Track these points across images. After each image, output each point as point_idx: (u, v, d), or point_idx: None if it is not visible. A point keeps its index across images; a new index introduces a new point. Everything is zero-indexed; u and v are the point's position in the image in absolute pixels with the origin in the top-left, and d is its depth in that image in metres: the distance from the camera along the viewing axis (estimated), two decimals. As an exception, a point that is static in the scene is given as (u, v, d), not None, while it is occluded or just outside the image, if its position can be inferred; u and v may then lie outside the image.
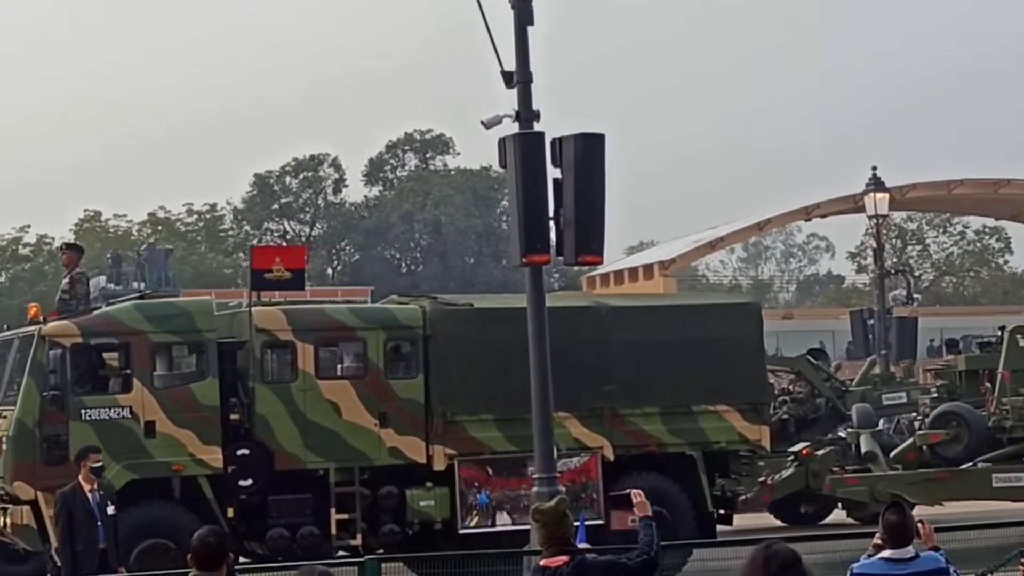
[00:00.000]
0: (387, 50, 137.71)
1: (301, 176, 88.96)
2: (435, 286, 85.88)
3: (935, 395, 28.04)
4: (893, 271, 46.14)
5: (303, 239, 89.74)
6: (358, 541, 19.52)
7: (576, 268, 65.42)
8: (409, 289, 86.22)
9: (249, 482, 19.29)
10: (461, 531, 20.10)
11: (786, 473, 26.26)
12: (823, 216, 71.68)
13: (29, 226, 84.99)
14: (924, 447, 25.01)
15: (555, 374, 20.39)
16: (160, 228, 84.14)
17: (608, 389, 20.95)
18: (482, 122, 17.97)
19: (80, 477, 15.70)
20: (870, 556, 8.39)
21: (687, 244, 71.11)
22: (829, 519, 28.11)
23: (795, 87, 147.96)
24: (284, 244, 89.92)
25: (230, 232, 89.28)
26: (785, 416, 30.53)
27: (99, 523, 15.53)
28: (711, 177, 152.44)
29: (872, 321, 39.18)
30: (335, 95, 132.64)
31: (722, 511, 21.74)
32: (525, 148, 17.03)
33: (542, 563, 8.26)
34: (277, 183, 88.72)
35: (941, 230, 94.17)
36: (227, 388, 19.79)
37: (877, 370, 34.26)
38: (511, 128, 17.61)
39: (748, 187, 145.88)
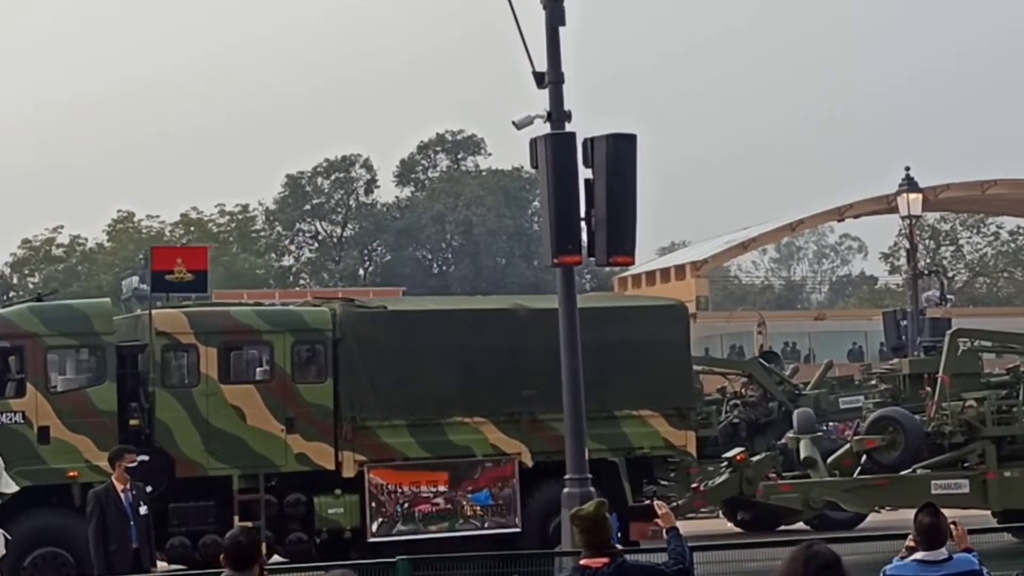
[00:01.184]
0: (418, 51, 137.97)
1: (333, 177, 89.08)
2: (467, 287, 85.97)
3: (879, 399, 27.36)
4: (926, 272, 45.99)
5: (335, 240, 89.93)
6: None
7: (607, 269, 65.42)
8: (441, 290, 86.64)
9: (149, 489, 18.32)
10: (371, 539, 19.54)
11: (720, 479, 25.70)
12: (856, 217, 71.40)
13: (62, 227, 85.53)
14: (861, 453, 24.37)
15: (471, 378, 20.47)
16: (192, 229, 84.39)
17: (527, 394, 20.39)
18: (514, 123, 17.97)
19: (114, 477, 15.75)
20: (903, 558, 8.36)
21: (719, 245, 70.92)
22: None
23: (827, 86, 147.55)
24: (316, 245, 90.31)
25: (262, 233, 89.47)
26: (736, 420, 30.02)
27: (132, 523, 15.58)
28: (743, 177, 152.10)
29: (905, 322, 39.01)
30: (367, 96, 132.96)
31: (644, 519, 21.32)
32: (557, 149, 17.01)
33: (582, 562, 8.24)
34: (309, 184, 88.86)
35: (975, 231, 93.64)
36: (127, 393, 19.34)
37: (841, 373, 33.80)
38: (543, 129, 17.60)
39: (780, 187, 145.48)
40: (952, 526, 8.73)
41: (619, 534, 14.57)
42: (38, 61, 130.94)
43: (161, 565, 18.31)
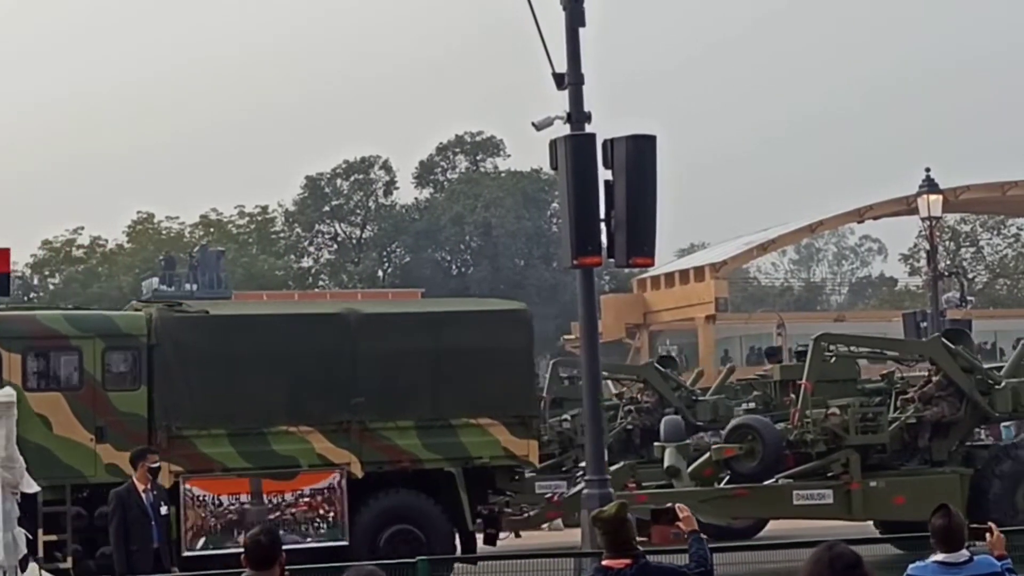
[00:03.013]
0: (438, 52, 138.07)
1: (352, 178, 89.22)
2: (485, 288, 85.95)
3: (751, 406, 26.52)
4: (946, 273, 45.84)
5: (354, 241, 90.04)
6: (69, 564, 18.21)
7: (626, 270, 65.40)
8: (460, 292, 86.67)
9: None
10: (186, 553, 18.61)
11: (575, 489, 24.46)
12: (876, 218, 71.35)
13: (83, 228, 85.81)
14: (720, 462, 23.43)
15: (297, 386, 19.59)
16: (212, 230, 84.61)
17: (356, 402, 19.59)
18: (533, 124, 17.97)
19: (135, 477, 15.81)
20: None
21: (738, 246, 70.90)
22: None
23: (846, 86, 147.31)
24: (335, 246, 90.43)
25: (281, 234, 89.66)
26: (630, 426, 29.37)
27: (153, 523, 15.64)
28: (762, 179, 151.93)
29: (925, 324, 38.93)
30: (386, 97, 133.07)
31: (489, 530, 20.63)
32: (576, 150, 17.01)
33: (604, 563, 8.21)
34: (328, 185, 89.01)
35: (995, 232, 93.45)
36: None
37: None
38: (562, 130, 17.61)
39: (800, 189, 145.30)
40: (988, 532, 8.70)
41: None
42: (57, 61, 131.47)
43: None
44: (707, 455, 23.29)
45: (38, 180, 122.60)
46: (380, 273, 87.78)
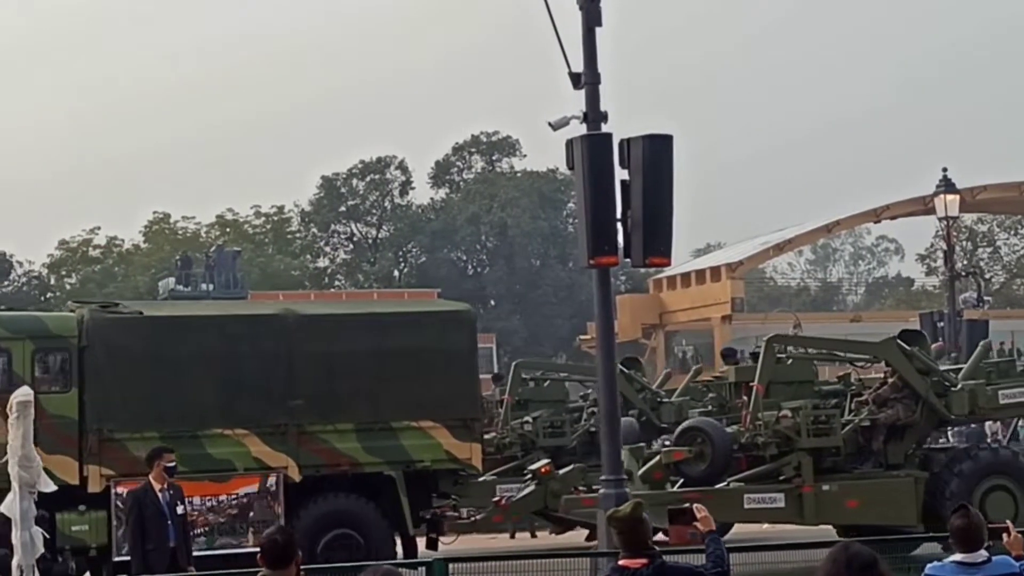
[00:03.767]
0: (453, 51, 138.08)
1: (368, 178, 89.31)
2: (501, 288, 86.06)
3: (706, 408, 26.09)
4: (963, 273, 45.78)
5: (370, 241, 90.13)
6: None
7: (642, 270, 65.35)
8: (476, 291, 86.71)
9: None
10: (117, 558, 18.30)
11: (523, 492, 24.46)
12: (892, 218, 71.21)
13: (99, 228, 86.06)
14: (670, 465, 22.83)
15: (233, 388, 19.23)
16: (228, 230, 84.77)
17: (294, 404, 19.32)
18: (549, 123, 17.97)
19: (151, 476, 15.83)
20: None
21: (755, 246, 70.81)
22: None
23: (862, 86, 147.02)
24: (351, 246, 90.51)
25: (297, 234, 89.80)
26: (593, 429, 28.41)
27: (169, 522, 15.66)
28: (778, 179, 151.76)
29: (942, 324, 38.84)
30: (402, 97, 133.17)
31: (431, 534, 20.40)
32: (593, 149, 17.00)
33: (621, 563, 8.21)
34: (344, 185, 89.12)
35: (1012, 232, 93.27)
36: None
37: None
38: (579, 129, 17.61)
39: (816, 188, 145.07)
40: (1005, 532, 8.68)
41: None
42: (74, 62, 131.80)
43: None
44: (657, 458, 22.79)
45: (55, 180, 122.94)
46: (396, 273, 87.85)
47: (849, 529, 21.95)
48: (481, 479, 26.35)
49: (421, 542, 20.39)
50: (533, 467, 25.03)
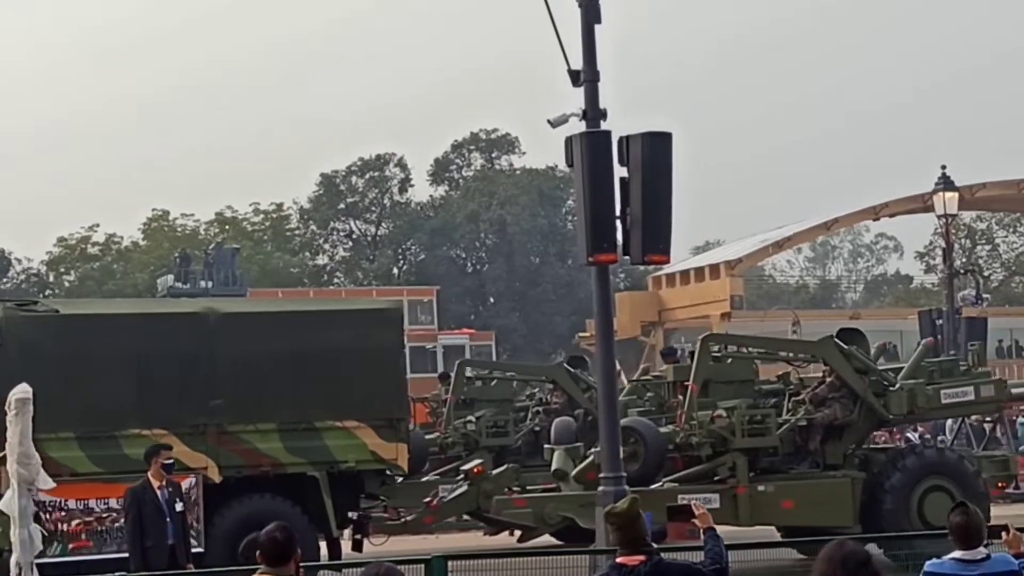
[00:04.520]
0: (452, 49, 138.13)
1: (367, 176, 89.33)
2: (500, 286, 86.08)
3: (646, 408, 25.64)
4: (962, 271, 45.80)
5: (369, 239, 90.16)
6: None
7: (641, 268, 65.34)
8: (475, 289, 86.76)
9: None
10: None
11: (455, 493, 24.18)
12: (891, 216, 71.22)
13: (98, 225, 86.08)
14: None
15: (151, 387, 18.74)
16: (227, 227, 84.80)
17: (214, 404, 18.89)
18: (549, 121, 17.96)
19: (150, 473, 15.85)
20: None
21: (754, 244, 70.81)
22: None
23: (861, 83, 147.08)
24: (350, 243, 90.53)
25: (296, 231, 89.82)
26: (538, 428, 28.66)
27: (168, 520, 15.68)
28: (778, 176, 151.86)
29: (941, 321, 38.86)
30: (400, 94, 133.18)
31: (357, 535, 20.10)
32: (592, 147, 17.02)
33: (618, 560, 8.21)
34: (343, 183, 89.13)
35: (1011, 229, 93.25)
36: None
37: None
38: (578, 127, 17.61)
39: (816, 187, 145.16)
40: (1004, 531, 8.69)
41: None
42: (76, 62, 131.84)
43: None
44: (590, 458, 22.38)
45: (54, 177, 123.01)
46: (395, 271, 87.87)
47: (790, 530, 21.80)
48: (425, 479, 26.18)
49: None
50: (465, 467, 24.76)
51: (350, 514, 19.70)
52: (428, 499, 24.17)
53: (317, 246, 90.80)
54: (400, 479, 26.36)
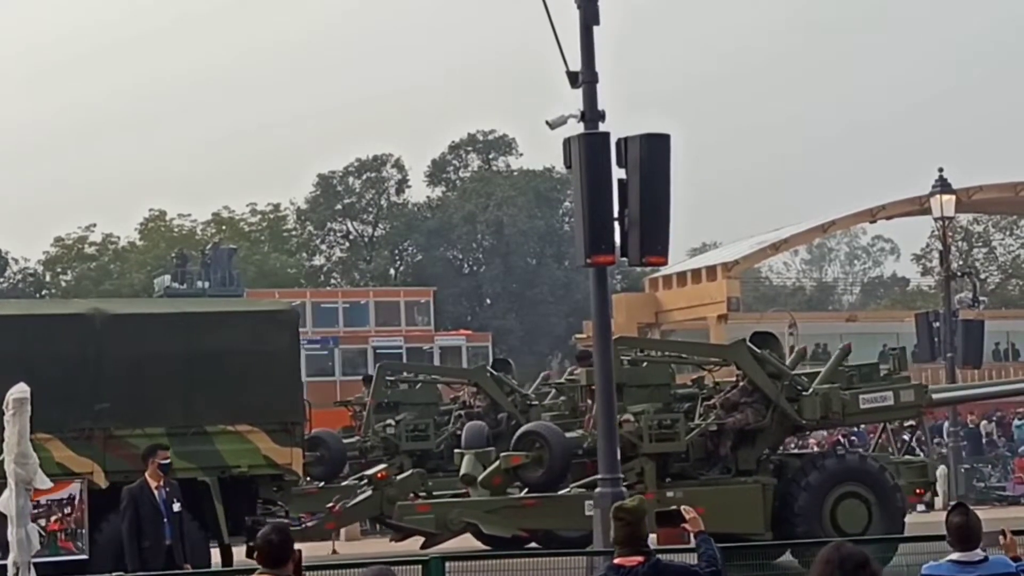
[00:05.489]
0: (450, 50, 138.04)
1: (364, 176, 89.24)
2: (497, 287, 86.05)
3: (557, 412, 25.61)
4: (959, 273, 45.74)
5: (366, 239, 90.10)
6: None
7: (638, 269, 65.35)
8: (472, 290, 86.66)
9: None
10: None
11: (358, 498, 23.87)
12: (888, 218, 71.22)
13: (95, 225, 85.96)
14: (509, 470, 22.22)
15: (35, 391, 17.37)
16: (224, 228, 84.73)
17: (100, 407, 18.52)
18: (547, 122, 17.98)
19: (147, 474, 15.86)
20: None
21: (751, 246, 70.81)
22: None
23: (859, 87, 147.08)
24: (347, 244, 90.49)
25: (293, 232, 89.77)
26: (459, 432, 28.21)
27: (165, 519, 15.68)
28: (775, 178, 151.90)
29: (938, 324, 38.87)
30: (397, 95, 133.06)
31: (250, 542, 19.26)
32: (590, 148, 17.04)
33: (616, 561, 8.22)
34: (340, 183, 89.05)
35: (1008, 232, 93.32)
36: None
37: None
38: (576, 128, 17.62)
39: (814, 188, 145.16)
40: (1000, 535, 8.69)
41: None
42: (73, 61, 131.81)
43: None
44: (496, 463, 22.21)
45: (51, 177, 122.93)
46: (392, 271, 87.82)
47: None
48: (345, 483, 25.88)
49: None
50: (369, 472, 24.44)
51: (248, 519, 19.17)
52: (331, 504, 23.87)
53: (314, 247, 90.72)
54: (322, 484, 26.27)
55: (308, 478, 27.21)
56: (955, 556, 8.14)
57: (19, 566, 14.09)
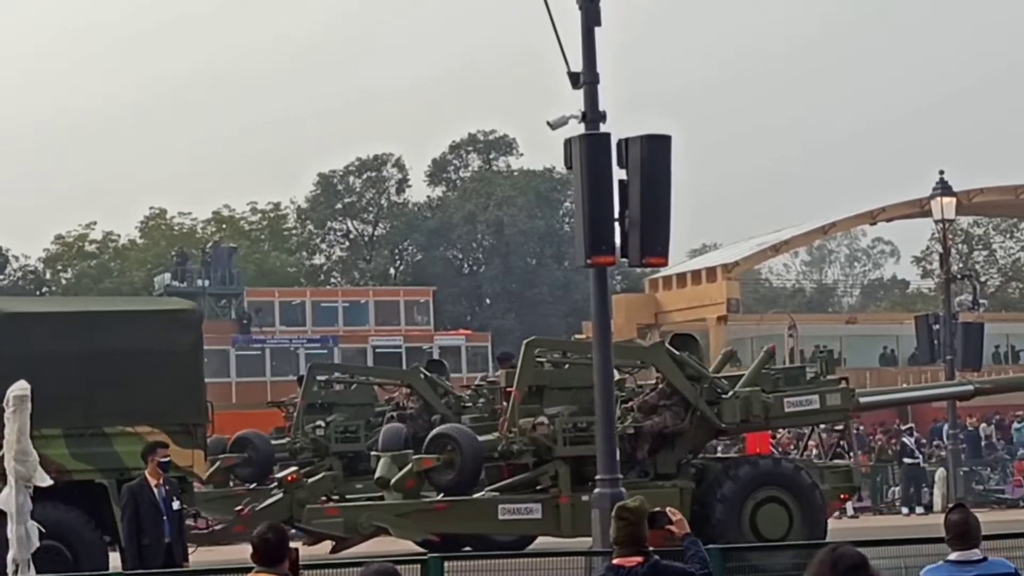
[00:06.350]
0: (451, 50, 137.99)
1: (364, 176, 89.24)
2: (497, 287, 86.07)
3: (477, 415, 25.36)
4: (959, 276, 45.74)
5: (366, 239, 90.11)
6: None
7: (638, 270, 65.35)
8: (472, 290, 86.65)
9: None
10: None
11: (267, 502, 23.72)
12: (889, 220, 71.17)
13: (95, 223, 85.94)
14: (421, 473, 22.00)
15: None
16: (224, 226, 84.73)
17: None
18: (548, 123, 17.99)
19: (147, 472, 15.88)
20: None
21: (751, 247, 70.77)
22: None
23: (860, 90, 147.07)
24: (347, 243, 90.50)
25: (293, 231, 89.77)
26: None
27: (165, 518, 15.69)
28: (775, 179, 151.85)
29: (937, 327, 38.88)
30: (399, 95, 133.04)
31: None
32: (591, 149, 17.05)
33: (615, 562, 8.21)
34: (341, 183, 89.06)
35: (1008, 235, 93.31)
36: None
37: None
38: (577, 129, 17.64)
39: (815, 191, 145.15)
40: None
41: None
42: (73, 60, 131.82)
43: None
44: (409, 466, 21.94)
45: (52, 175, 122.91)
46: (392, 271, 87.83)
47: None
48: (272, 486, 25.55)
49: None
50: (279, 475, 24.20)
51: None
52: (239, 508, 23.62)
53: (314, 246, 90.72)
54: (253, 485, 25.57)
55: (234, 480, 27.17)
56: (953, 556, 8.13)
57: (19, 563, 14.11)
